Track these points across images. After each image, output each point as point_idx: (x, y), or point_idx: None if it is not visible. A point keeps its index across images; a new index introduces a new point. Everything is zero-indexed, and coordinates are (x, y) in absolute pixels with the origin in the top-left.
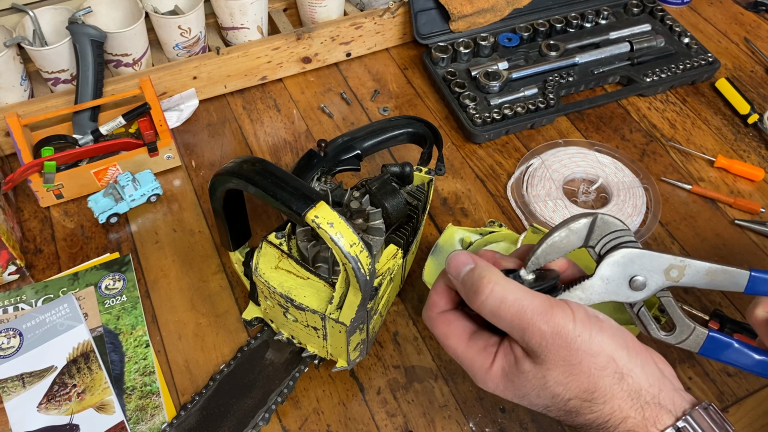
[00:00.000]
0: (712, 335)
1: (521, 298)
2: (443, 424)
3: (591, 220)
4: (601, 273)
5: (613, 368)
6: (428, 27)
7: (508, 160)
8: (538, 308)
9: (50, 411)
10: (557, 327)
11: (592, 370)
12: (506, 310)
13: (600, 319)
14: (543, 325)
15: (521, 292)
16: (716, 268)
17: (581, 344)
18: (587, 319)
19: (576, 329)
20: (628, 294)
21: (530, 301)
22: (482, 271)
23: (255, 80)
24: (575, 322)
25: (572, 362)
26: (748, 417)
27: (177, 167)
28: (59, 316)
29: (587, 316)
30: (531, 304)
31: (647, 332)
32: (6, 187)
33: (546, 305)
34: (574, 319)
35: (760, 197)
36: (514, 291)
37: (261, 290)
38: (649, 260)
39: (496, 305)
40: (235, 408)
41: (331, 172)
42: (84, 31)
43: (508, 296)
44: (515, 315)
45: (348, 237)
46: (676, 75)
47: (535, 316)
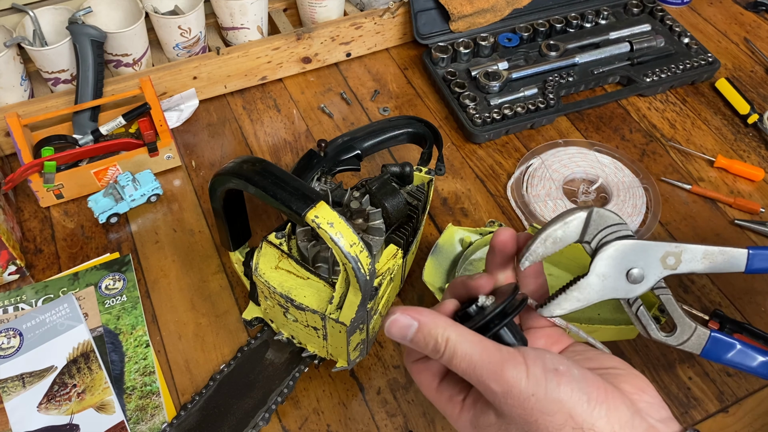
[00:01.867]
0: (714, 336)
1: (470, 353)
2: (443, 424)
3: (587, 214)
4: (597, 269)
5: (571, 425)
6: (428, 27)
7: (508, 160)
8: (488, 365)
9: (50, 411)
10: (508, 386)
11: (550, 428)
12: (458, 365)
13: (559, 371)
14: (493, 384)
15: (471, 345)
16: (713, 250)
17: (535, 403)
18: (543, 374)
19: (529, 387)
20: (627, 289)
21: (480, 356)
22: (429, 329)
23: (255, 80)
24: (528, 379)
25: (529, 421)
26: (748, 417)
27: (177, 167)
28: (59, 316)
29: (543, 370)
30: (481, 360)
31: (647, 333)
32: (6, 187)
33: (496, 360)
34: (527, 375)
35: (759, 197)
36: (463, 344)
37: (261, 290)
38: (643, 250)
39: (449, 361)
40: (235, 408)
41: (331, 172)
42: (84, 31)
43: (458, 351)
44: (467, 370)
45: (348, 237)
46: (676, 75)
47: (485, 374)
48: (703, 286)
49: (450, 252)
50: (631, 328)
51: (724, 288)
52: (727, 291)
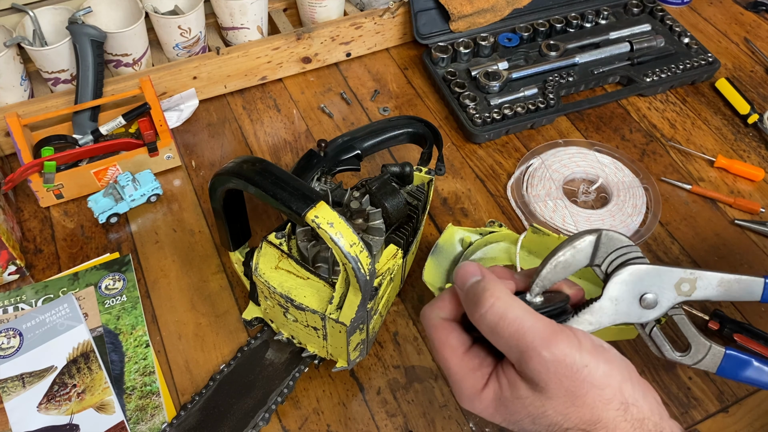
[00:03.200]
0: (729, 353)
1: (522, 317)
2: (443, 424)
3: (596, 237)
4: (610, 293)
5: (619, 400)
6: (428, 27)
7: (508, 160)
8: (541, 332)
9: (50, 411)
10: (562, 355)
11: (597, 402)
12: (505, 327)
13: (605, 348)
14: (545, 351)
15: (523, 312)
16: (729, 278)
17: (587, 375)
18: (594, 349)
19: (583, 359)
20: (640, 314)
21: (532, 322)
22: (487, 284)
23: (255, 80)
24: (581, 352)
25: (577, 394)
26: (748, 417)
27: (177, 167)
28: (59, 316)
29: (594, 345)
30: (533, 327)
31: (661, 354)
32: (6, 187)
33: (549, 330)
34: (580, 347)
35: (760, 197)
36: (515, 309)
37: (261, 290)
38: (657, 276)
39: (495, 321)
40: (235, 408)
41: (331, 172)
42: (84, 31)
43: (508, 313)
44: (513, 335)
45: (348, 237)
46: (676, 75)
47: (536, 341)
48: None
49: (450, 252)
50: (631, 328)
51: None
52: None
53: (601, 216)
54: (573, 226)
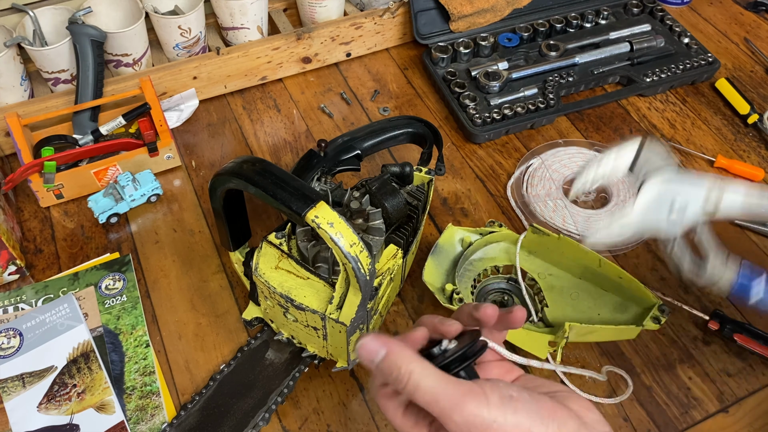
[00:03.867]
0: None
1: (434, 386)
2: None
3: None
4: (641, 199)
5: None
6: (428, 27)
7: (508, 160)
8: (450, 397)
9: (50, 411)
10: (471, 416)
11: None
12: (420, 397)
13: (514, 398)
14: (455, 416)
15: (435, 380)
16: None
17: (497, 429)
18: (501, 402)
19: (491, 415)
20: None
21: (443, 389)
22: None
23: (255, 80)
24: (489, 408)
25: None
26: (748, 417)
27: (177, 167)
28: (59, 316)
29: (501, 398)
30: (443, 393)
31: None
32: (6, 187)
33: (458, 393)
34: (488, 404)
35: None
36: (427, 378)
37: (261, 290)
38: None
39: (411, 393)
40: (235, 408)
41: (331, 172)
42: (84, 31)
43: (421, 384)
44: (429, 403)
45: (348, 237)
46: (676, 75)
47: (447, 406)
48: (703, 286)
49: (450, 252)
50: (631, 328)
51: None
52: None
53: (601, 216)
54: (573, 226)
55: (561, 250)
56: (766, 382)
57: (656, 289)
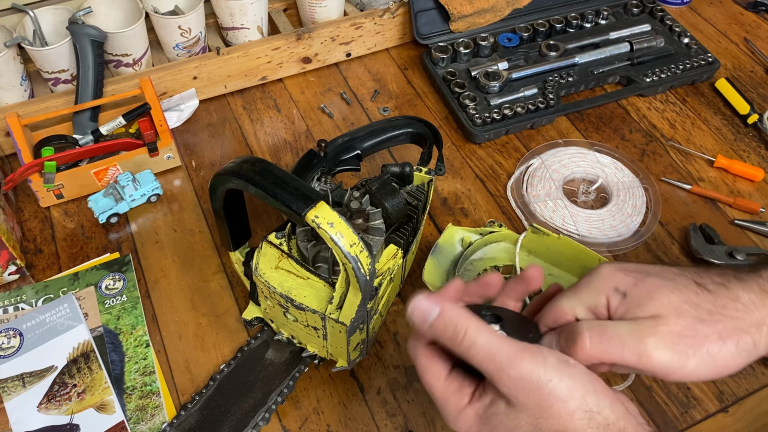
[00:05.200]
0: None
1: (490, 341)
2: (443, 424)
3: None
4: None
5: (583, 409)
6: (428, 27)
7: (508, 160)
8: (507, 353)
9: (50, 411)
10: (527, 372)
11: (563, 413)
12: (476, 353)
13: (571, 364)
14: (511, 370)
15: (490, 336)
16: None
17: (552, 389)
18: (559, 364)
19: (547, 374)
20: None
21: (499, 345)
22: (451, 317)
23: (255, 80)
24: (546, 367)
25: (543, 406)
26: (748, 417)
27: (177, 167)
28: (59, 316)
29: (559, 361)
30: (500, 349)
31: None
32: (6, 187)
33: (516, 350)
34: (545, 364)
35: (759, 197)
36: (483, 335)
37: (261, 290)
38: None
39: (466, 349)
40: (235, 408)
41: (331, 172)
42: (84, 31)
43: (477, 340)
44: (484, 359)
45: (348, 237)
46: (676, 75)
47: (504, 361)
48: None
49: (450, 252)
50: None
51: None
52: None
53: (601, 216)
54: (573, 226)
55: (561, 250)
56: (766, 382)
57: None
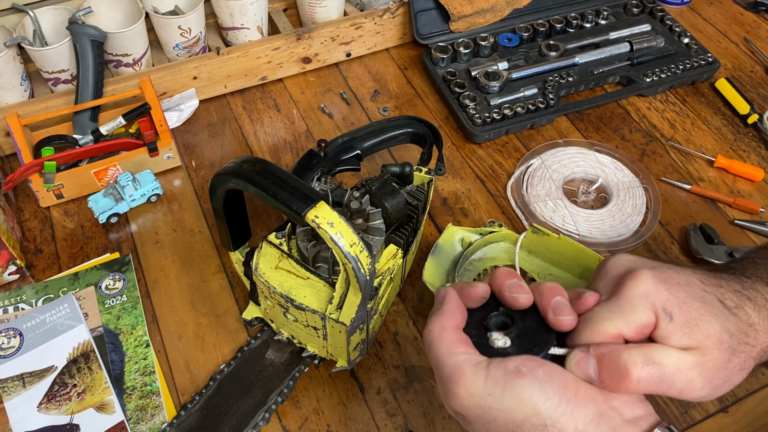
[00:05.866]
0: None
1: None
2: (443, 424)
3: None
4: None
5: (532, 421)
6: (428, 27)
7: (508, 160)
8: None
9: (50, 411)
10: (468, 389)
11: (510, 426)
12: (431, 357)
13: (521, 372)
14: (453, 387)
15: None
16: None
17: (492, 402)
18: (502, 375)
19: (486, 388)
20: None
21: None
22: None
23: (255, 80)
24: (486, 380)
25: (488, 419)
26: (748, 417)
27: (177, 167)
28: (59, 316)
29: (504, 372)
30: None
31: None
32: (6, 187)
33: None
34: (486, 376)
35: (759, 197)
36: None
37: (261, 290)
38: None
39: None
40: (235, 408)
41: (331, 172)
42: (84, 31)
43: (432, 346)
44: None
45: (348, 237)
46: (676, 75)
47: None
48: None
49: (450, 252)
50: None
51: None
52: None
53: (601, 216)
54: (573, 226)
55: (561, 250)
56: (766, 382)
57: None
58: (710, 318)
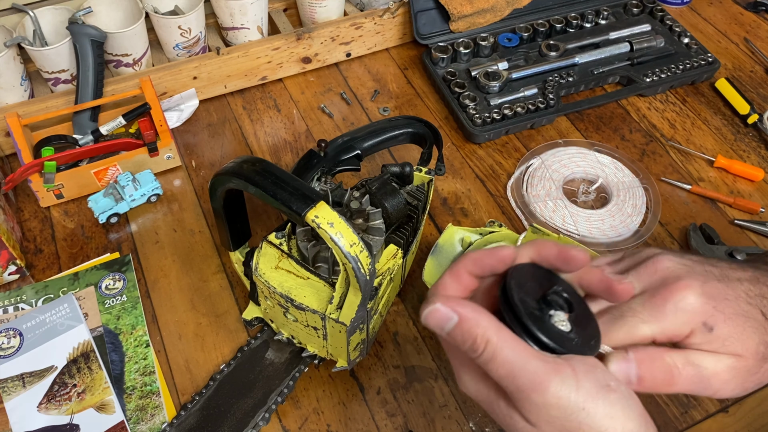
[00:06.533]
0: None
1: (513, 360)
2: (443, 424)
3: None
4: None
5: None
6: (428, 27)
7: (508, 160)
8: (533, 375)
9: (50, 411)
10: (554, 399)
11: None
12: (496, 370)
13: (611, 387)
14: (535, 395)
15: (513, 352)
16: None
17: (585, 418)
18: (595, 389)
19: (579, 401)
20: None
21: (524, 364)
22: (470, 326)
23: (255, 80)
24: (578, 393)
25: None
26: (748, 417)
27: (177, 167)
28: (59, 316)
29: (596, 385)
30: (525, 369)
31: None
32: (6, 187)
33: (543, 371)
34: (577, 388)
35: (759, 197)
36: (504, 349)
37: (261, 290)
38: None
39: (485, 362)
40: (235, 408)
41: (331, 172)
42: (84, 31)
43: (497, 355)
44: (505, 377)
45: (348, 237)
46: (675, 75)
47: (527, 384)
48: None
49: (450, 252)
50: None
51: None
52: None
53: (601, 216)
54: (573, 226)
55: None
56: None
57: None
58: (751, 333)
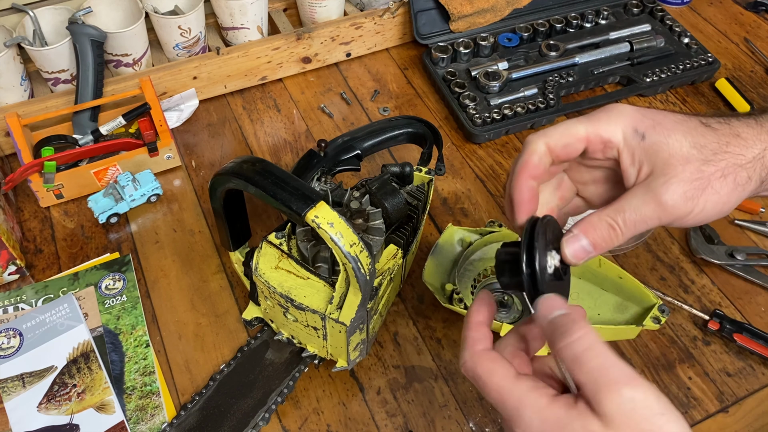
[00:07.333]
0: None
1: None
2: (443, 424)
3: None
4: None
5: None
6: (428, 27)
7: (508, 160)
8: (626, 371)
9: (50, 411)
10: (642, 397)
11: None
12: (591, 358)
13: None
14: (627, 389)
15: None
16: None
17: (664, 423)
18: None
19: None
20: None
21: (616, 361)
22: (576, 318)
23: (255, 80)
24: (660, 400)
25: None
26: (748, 417)
27: (177, 167)
28: (59, 316)
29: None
30: (617, 364)
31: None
32: (6, 187)
33: (633, 372)
34: (658, 396)
35: (759, 197)
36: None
37: (261, 290)
38: None
39: (581, 350)
40: (235, 408)
41: (331, 172)
42: (84, 31)
43: (596, 346)
44: (598, 367)
45: (348, 237)
46: (676, 75)
47: (621, 377)
48: (703, 286)
49: (450, 252)
50: (632, 328)
51: (724, 288)
52: (727, 291)
53: None
54: None
55: None
56: (766, 382)
57: (656, 289)
58: (680, 136)
